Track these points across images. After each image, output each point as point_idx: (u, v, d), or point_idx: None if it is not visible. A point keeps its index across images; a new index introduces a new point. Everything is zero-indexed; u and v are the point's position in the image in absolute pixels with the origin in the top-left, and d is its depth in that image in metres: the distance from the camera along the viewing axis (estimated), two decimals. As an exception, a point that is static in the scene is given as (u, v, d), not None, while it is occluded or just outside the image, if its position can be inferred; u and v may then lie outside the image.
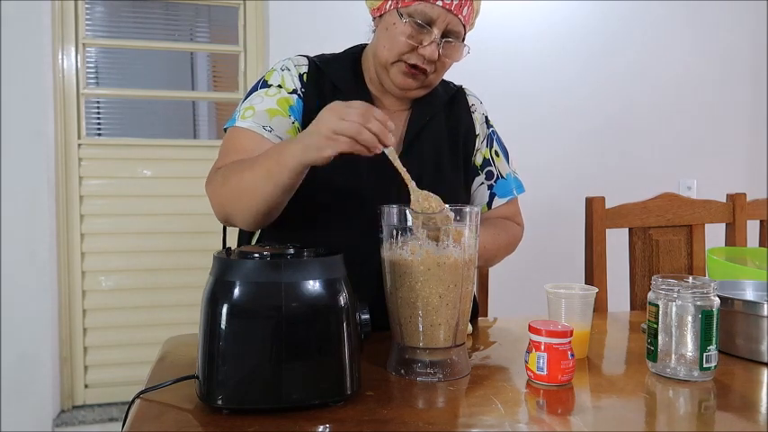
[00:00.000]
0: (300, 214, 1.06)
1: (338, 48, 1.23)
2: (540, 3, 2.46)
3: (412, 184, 0.92)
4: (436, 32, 1.06)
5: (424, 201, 0.90)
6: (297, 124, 1.11)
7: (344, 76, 1.16)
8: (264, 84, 1.14)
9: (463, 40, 1.12)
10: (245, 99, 1.13)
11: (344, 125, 0.85)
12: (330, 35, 1.63)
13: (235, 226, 1.07)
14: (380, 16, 1.11)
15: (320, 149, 0.87)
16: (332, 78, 1.15)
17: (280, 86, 1.12)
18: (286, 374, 0.72)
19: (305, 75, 1.14)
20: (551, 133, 2.51)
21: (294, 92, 1.12)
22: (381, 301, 0.91)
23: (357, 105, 0.87)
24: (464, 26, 1.09)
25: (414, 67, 1.08)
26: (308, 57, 1.18)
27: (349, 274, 0.79)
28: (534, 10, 2.46)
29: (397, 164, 0.92)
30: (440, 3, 1.04)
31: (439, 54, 1.07)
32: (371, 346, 0.86)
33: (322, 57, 1.19)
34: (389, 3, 1.08)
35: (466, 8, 1.07)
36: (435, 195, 0.91)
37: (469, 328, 1.06)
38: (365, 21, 1.17)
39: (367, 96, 1.16)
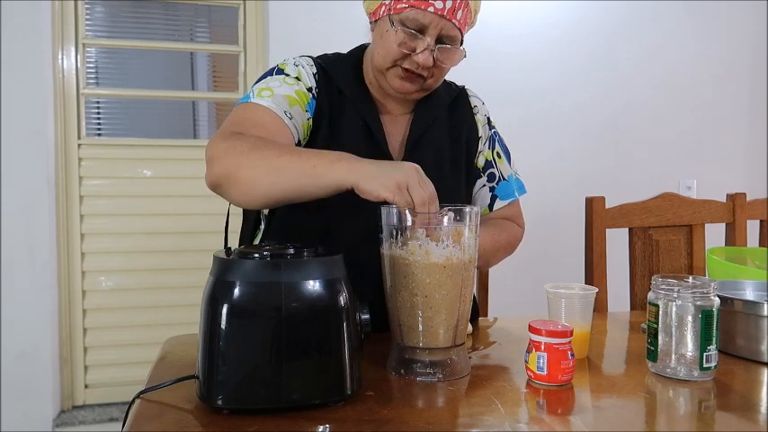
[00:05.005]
0: (301, 215, 1.06)
1: (338, 48, 1.22)
2: (539, 3, 2.46)
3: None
4: (429, 39, 1.03)
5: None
6: (310, 122, 1.09)
7: (347, 79, 1.15)
8: (280, 71, 1.10)
9: (461, 42, 1.09)
10: (258, 82, 1.08)
11: (401, 198, 0.81)
12: (330, 35, 1.63)
13: (226, 196, 0.95)
14: (376, 21, 1.10)
15: (375, 191, 0.82)
16: (335, 80, 1.13)
17: (297, 79, 1.10)
18: (286, 374, 0.72)
19: (316, 74, 1.13)
20: (551, 133, 2.51)
21: (310, 90, 1.10)
22: (381, 301, 0.90)
23: (428, 191, 0.82)
24: (459, 30, 1.06)
25: (409, 71, 1.07)
26: (311, 57, 1.16)
27: (349, 274, 0.79)
28: (533, 9, 2.46)
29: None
30: (431, 9, 1.01)
31: (434, 60, 1.05)
32: (371, 346, 0.86)
33: (325, 57, 1.18)
34: (383, 8, 1.06)
35: (460, 11, 1.04)
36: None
37: (469, 328, 1.05)
38: (365, 21, 1.15)
39: (369, 100, 1.15)
